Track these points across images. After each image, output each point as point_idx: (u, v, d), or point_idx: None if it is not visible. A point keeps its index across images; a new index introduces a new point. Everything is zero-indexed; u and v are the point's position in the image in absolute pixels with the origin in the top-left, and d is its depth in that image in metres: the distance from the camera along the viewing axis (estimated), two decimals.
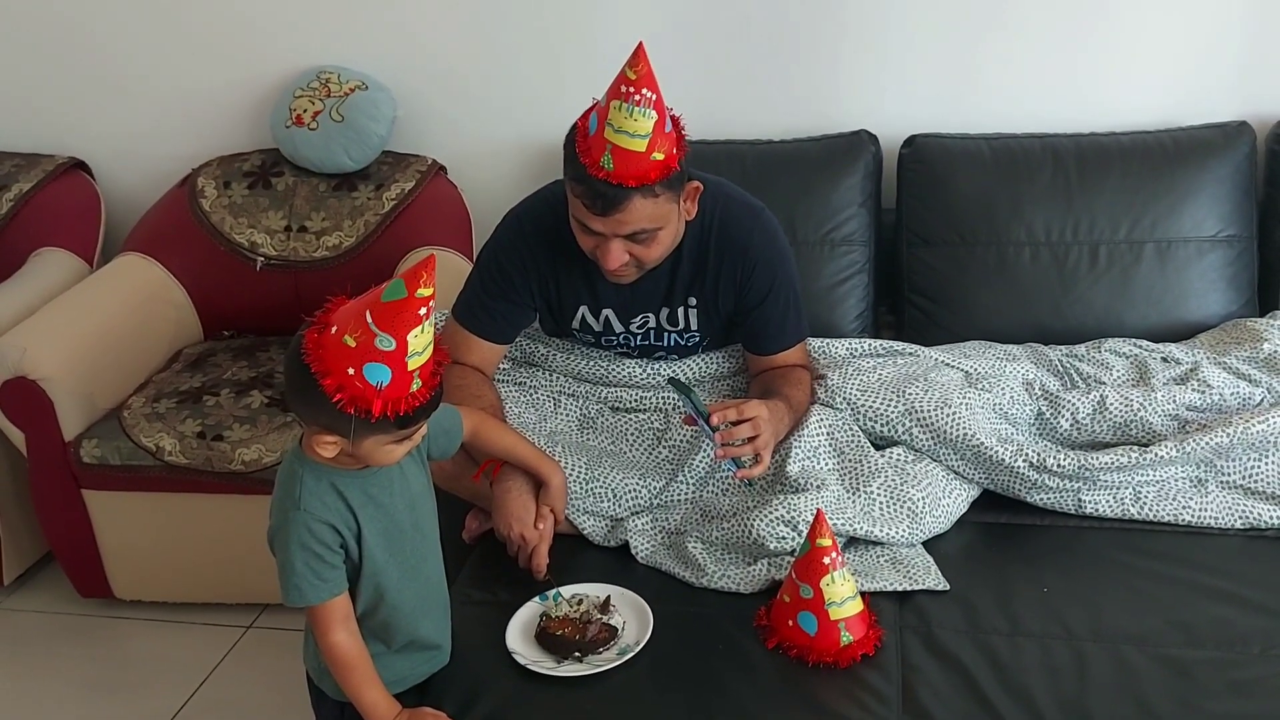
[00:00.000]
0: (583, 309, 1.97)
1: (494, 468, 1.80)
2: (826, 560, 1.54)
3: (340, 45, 2.75)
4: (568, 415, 2.03)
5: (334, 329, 1.30)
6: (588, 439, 1.98)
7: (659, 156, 1.67)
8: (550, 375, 2.08)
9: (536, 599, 1.67)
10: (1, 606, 2.62)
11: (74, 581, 2.55)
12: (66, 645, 2.50)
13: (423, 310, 1.29)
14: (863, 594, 1.61)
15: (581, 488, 1.85)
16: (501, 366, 2.06)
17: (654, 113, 1.65)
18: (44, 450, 2.39)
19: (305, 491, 1.39)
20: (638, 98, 1.64)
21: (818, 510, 1.56)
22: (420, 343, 1.31)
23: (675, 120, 1.73)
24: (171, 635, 2.51)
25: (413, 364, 1.31)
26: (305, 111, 2.69)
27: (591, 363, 2.06)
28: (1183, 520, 1.83)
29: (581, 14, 2.62)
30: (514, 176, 2.74)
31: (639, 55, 1.64)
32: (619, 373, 2.05)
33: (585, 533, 1.85)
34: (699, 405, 1.68)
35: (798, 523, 1.72)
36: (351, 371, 1.29)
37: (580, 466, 1.86)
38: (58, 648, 2.50)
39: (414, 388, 1.32)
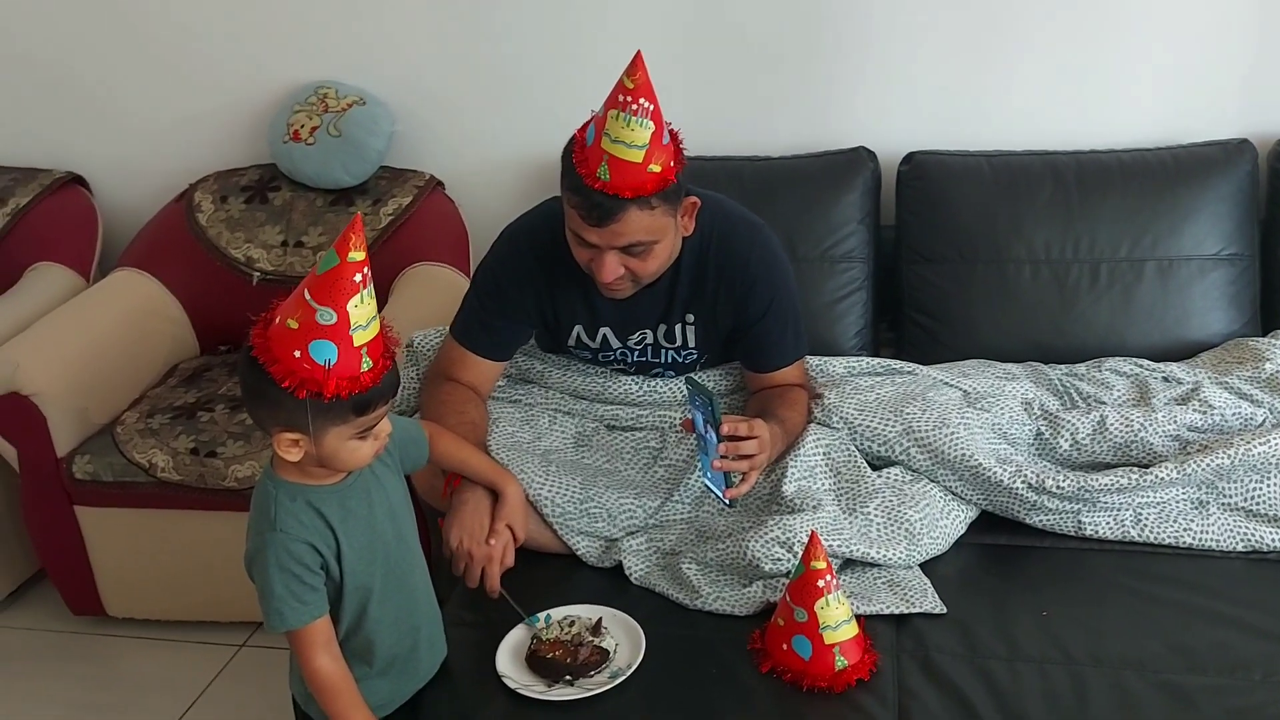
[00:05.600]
0: (578, 327, 1.95)
1: (455, 481, 1.76)
2: (821, 583, 1.52)
3: (338, 61, 2.75)
4: (563, 433, 2.01)
5: (278, 319, 1.29)
6: (583, 457, 1.96)
7: (655, 168, 1.66)
8: (547, 392, 2.07)
9: (526, 621, 1.65)
10: None
11: (66, 599, 2.52)
12: (57, 663, 2.48)
13: (358, 276, 1.27)
14: (859, 617, 1.59)
15: (576, 507, 1.82)
16: (498, 384, 2.04)
17: (651, 123, 1.64)
18: (36, 466, 2.37)
19: (281, 511, 1.37)
20: (635, 107, 1.62)
21: (812, 532, 1.54)
22: (362, 314, 1.28)
23: (674, 134, 1.72)
24: (163, 654, 2.48)
25: (359, 338, 1.28)
26: (303, 127, 2.68)
27: (588, 379, 2.05)
28: (1184, 542, 1.81)
29: (581, 30, 2.62)
30: (512, 192, 2.73)
31: (636, 64, 1.63)
32: (616, 390, 2.03)
33: (579, 553, 1.83)
34: (716, 410, 1.65)
35: (793, 544, 1.70)
36: (298, 354, 1.27)
37: (575, 486, 1.83)
38: (48, 666, 2.47)
39: (365, 367, 1.30)
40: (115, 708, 2.35)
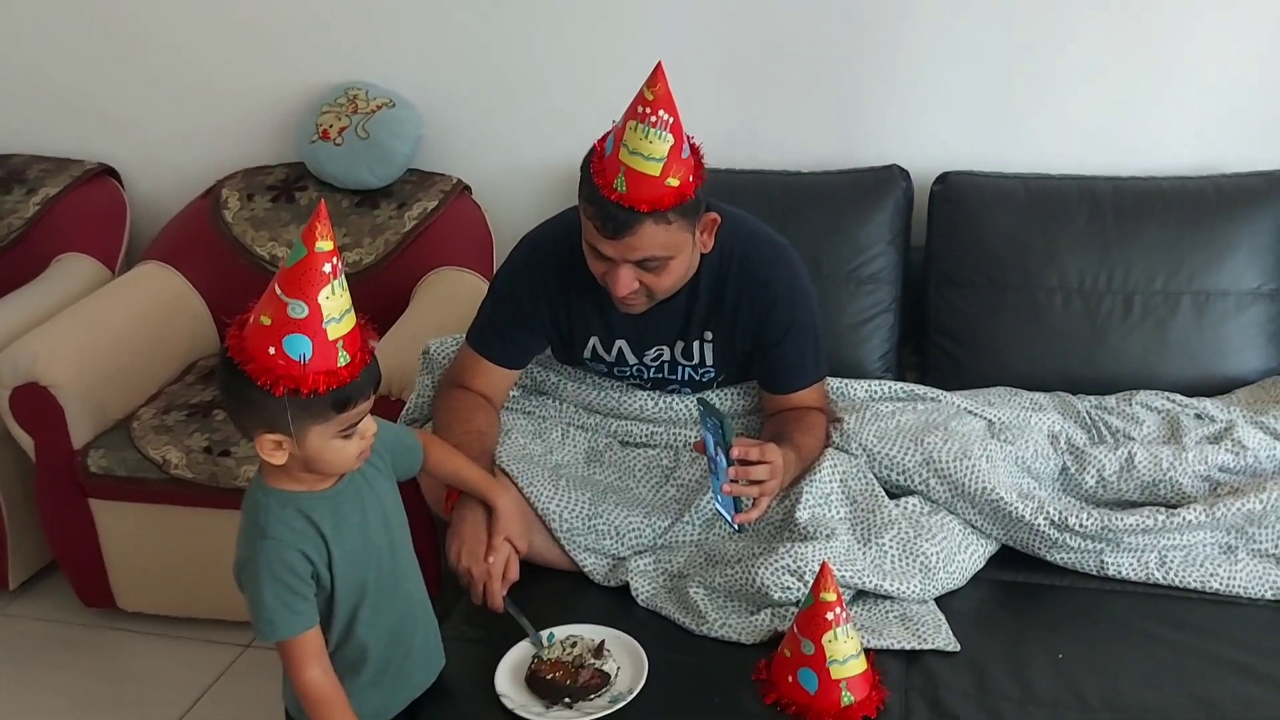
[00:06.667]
0: (594, 339, 1.92)
1: (454, 496, 1.74)
2: (830, 616, 1.47)
3: (369, 62, 2.74)
4: (575, 447, 1.98)
5: (252, 318, 1.27)
6: (594, 473, 1.93)
7: (673, 182, 1.62)
8: (560, 405, 2.04)
9: (533, 639, 1.62)
10: (4, 613, 2.61)
11: (77, 590, 2.52)
12: (66, 655, 2.48)
13: (327, 267, 1.24)
14: (868, 651, 1.55)
15: (584, 524, 1.79)
16: (511, 394, 2.02)
17: (670, 135, 1.61)
18: (52, 457, 2.37)
19: (271, 519, 1.35)
20: (654, 119, 1.59)
21: (823, 563, 1.50)
22: (334, 306, 1.26)
23: (695, 148, 1.68)
24: (170, 650, 2.47)
25: (333, 331, 1.26)
26: (331, 127, 2.68)
27: (603, 393, 2.01)
28: (1210, 588, 1.75)
29: (610, 37, 2.59)
30: (539, 199, 2.70)
31: (657, 75, 1.60)
32: (630, 405, 2.00)
33: (586, 570, 1.80)
34: (728, 433, 1.61)
35: (804, 573, 1.66)
36: (273, 350, 1.24)
37: (584, 502, 1.81)
38: (58, 657, 2.47)
39: (342, 361, 1.27)
40: (121, 701, 2.34)
